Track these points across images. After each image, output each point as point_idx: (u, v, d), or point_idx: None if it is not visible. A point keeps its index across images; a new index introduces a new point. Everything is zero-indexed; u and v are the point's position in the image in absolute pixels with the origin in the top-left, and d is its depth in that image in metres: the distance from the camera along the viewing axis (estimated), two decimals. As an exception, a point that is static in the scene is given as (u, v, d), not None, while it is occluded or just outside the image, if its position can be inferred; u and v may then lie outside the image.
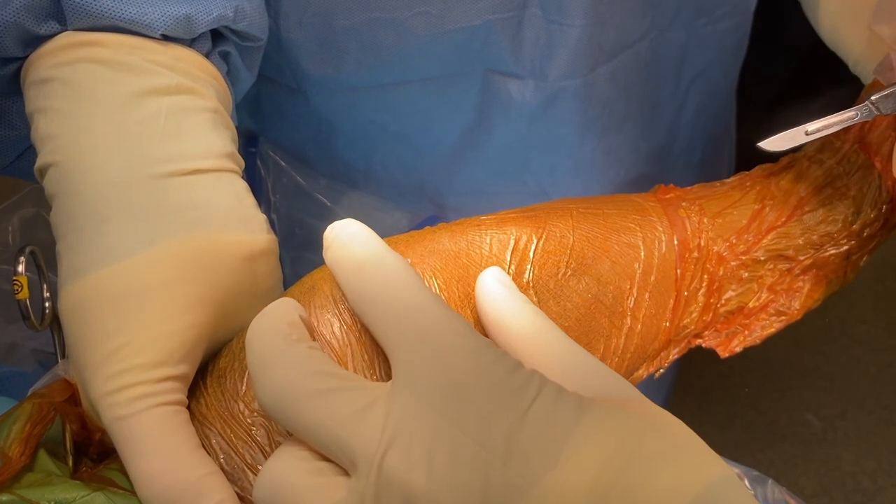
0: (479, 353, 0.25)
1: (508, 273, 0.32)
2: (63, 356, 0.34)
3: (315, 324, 0.29)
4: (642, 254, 0.36)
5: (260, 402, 0.26)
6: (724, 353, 0.40)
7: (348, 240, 0.28)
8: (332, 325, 0.29)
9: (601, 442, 0.23)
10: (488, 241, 0.33)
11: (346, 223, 0.29)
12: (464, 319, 0.26)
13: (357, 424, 0.24)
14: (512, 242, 0.33)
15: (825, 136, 0.41)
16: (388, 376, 0.28)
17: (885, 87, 0.34)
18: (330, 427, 0.24)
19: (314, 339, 0.28)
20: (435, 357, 0.25)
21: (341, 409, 0.24)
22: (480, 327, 0.30)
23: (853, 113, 0.34)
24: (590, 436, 0.23)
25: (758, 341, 0.41)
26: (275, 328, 0.27)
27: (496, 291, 0.30)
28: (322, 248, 0.30)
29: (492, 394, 0.24)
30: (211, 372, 0.31)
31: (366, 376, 0.29)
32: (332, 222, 0.29)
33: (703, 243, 0.38)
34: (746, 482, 0.38)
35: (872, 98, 0.34)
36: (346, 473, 0.25)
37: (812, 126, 0.34)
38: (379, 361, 0.29)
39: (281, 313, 0.27)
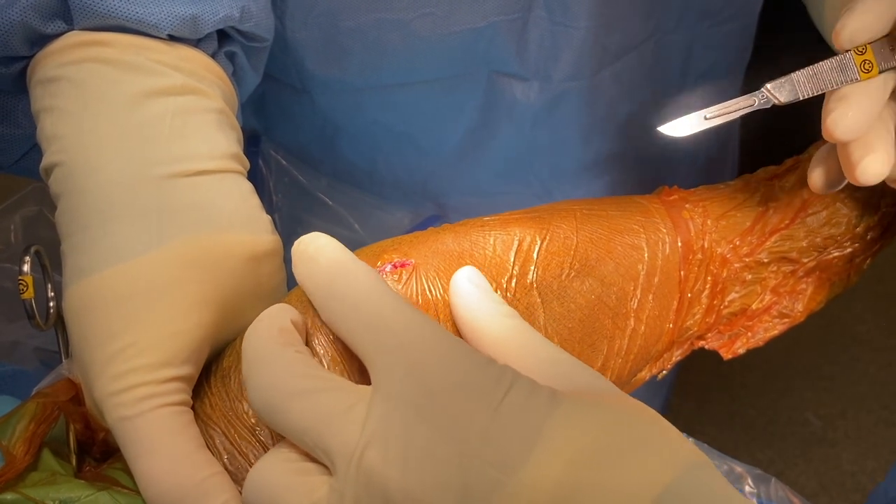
0: (451, 353, 0.25)
1: (512, 274, 0.33)
2: (67, 356, 0.34)
3: (318, 325, 0.29)
4: (646, 255, 0.36)
5: (251, 404, 0.26)
6: (726, 355, 0.40)
7: (316, 254, 0.28)
8: None
9: (574, 434, 0.23)
10: (492, 241, 0.33)
11: (314, 237, 0.29)
12: (435, 322, 0.26)
13: (338, 424, 0.24)
14: (516, 243, 0.33)
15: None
16: None
17: (780, 77, 0.34)
18: (312, 426, 0.25)
19: (307, 344, 0.29)
20: (409, 360, 0.25)
21: (324, 408, 0.25)
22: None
23: (751, 100, 0.34)
24: (562, 428, 0.23)
25: (761, 343, 0.41)
26: (266, 333, 0.27)
27: (468, 292, 0.30)
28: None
29: (465, 390, 0.24)
30: (215, 372, 0.31)
31: (363, 380, 0.29)
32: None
33: (706, 245, 0.38)
34: (750, 481, 0.38)
35: (768, 86, 0.34)
36: (330, 473, 0.25)
37: (710, 112, 0.34)
38: None
39: (273, 319, 0.28)
